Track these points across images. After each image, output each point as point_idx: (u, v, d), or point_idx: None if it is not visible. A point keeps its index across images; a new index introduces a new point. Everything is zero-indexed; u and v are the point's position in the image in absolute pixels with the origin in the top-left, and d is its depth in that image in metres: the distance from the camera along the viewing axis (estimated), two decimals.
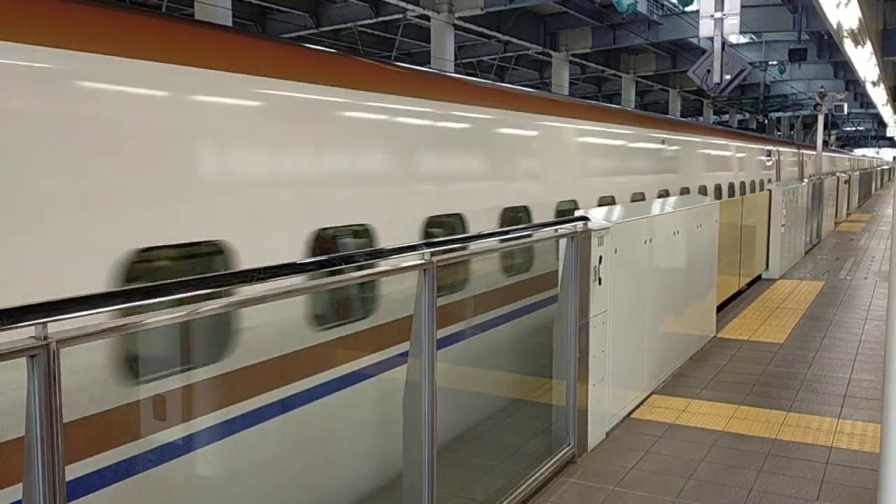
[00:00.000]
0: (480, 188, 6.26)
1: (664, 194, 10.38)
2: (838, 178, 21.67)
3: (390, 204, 5.06)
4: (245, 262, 3.67)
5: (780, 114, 43.96)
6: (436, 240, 3.62)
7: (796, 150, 24.82)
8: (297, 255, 4.04)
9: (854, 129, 65.35)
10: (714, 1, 11.26)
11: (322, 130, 4.55)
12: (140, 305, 2.32)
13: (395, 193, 5.17)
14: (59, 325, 1.99)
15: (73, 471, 2.93)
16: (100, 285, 3.11)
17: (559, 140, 7.88)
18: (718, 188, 13.72)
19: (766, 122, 39.71)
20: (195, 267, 3.81)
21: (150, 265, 3.45)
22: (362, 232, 4.72)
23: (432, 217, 5.37)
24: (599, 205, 7.92)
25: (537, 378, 5.52)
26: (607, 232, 5.10)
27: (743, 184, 15.83)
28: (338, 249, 4.62)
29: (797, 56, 20.83)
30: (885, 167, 56.63)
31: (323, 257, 3.17)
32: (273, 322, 3.95)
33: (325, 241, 4.37)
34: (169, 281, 2.45)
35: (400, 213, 5.14)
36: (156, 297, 2.36)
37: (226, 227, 3.72)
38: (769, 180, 17.99)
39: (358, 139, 4.85)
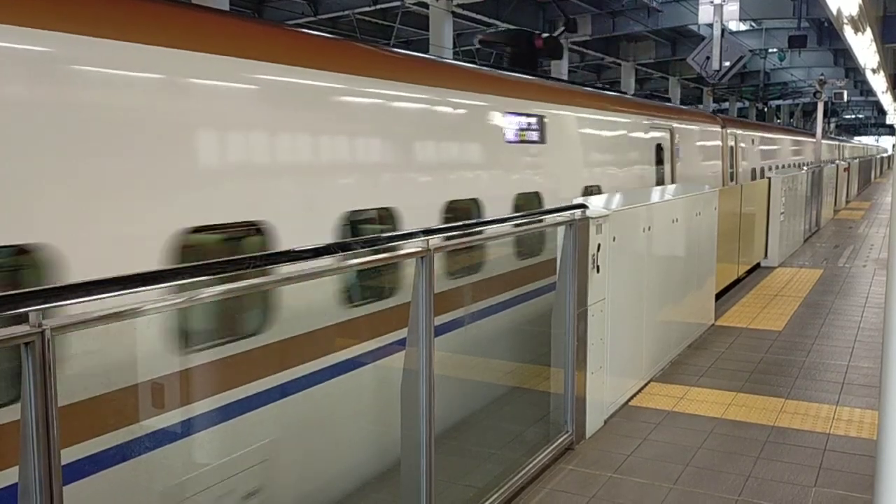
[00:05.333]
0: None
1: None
2: (837, 165, 21.67)
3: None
4: None
5: (779, 101, 43.86)
6: (433, 227, 3.61)
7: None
8: None
9: (854, 116, 65.26)
10: None
11: None
12: (137, 292, 2.31)
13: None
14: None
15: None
16: None
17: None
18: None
19: (766, 109, 39.58)
20: None
21: None
22: None
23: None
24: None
25: (534, 366, 5.53)
26: (606, 220, 5.09)
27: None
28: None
29: (797, 43, 20.73)
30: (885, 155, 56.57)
31: (320, 245, 3.15)
32: None
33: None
34: (166, 267, 2.44)
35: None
36: (153, 284, 2.35)
37: None
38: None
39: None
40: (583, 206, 4.95)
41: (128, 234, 3.34)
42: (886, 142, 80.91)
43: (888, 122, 52.72)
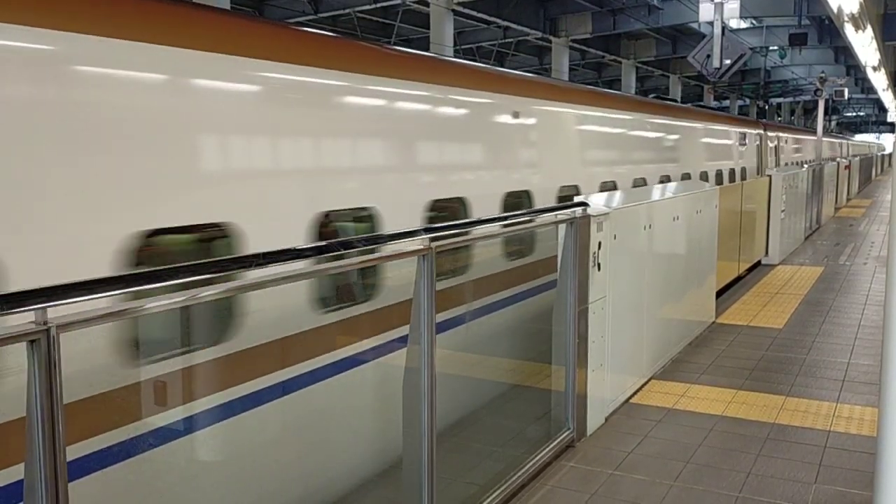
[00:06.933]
0: None
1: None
2: (838, 163, 21.70)
3: None
4: None
5: (780, 99, 43.82)
6: (434, 225, 3.62)
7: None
8: None
9: (854, 114, 65.17)
10: None
11: None
12: (140, 291, 2.32)
13: None
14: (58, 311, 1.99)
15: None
16: None
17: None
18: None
19: (766, 107, 39.51)
20: None
21: None
22: None
23: None
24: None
25: (535, 363, 5.55)
26: (606, 217, 5.10)
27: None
28: None
29: (798, 41, 20.73)
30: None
31: (322, 243, 3.17)
32: None
33: None
34: (169, 266, 2.45)
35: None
36: (156, 283, 2.36)
37: None
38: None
39: None
40: (584, 205, 4.96)
41: None
42: (888, 139, 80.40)
43: (889, 119, 52.62)
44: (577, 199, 5.43)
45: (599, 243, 5.05)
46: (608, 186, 8.30)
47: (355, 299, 4.74)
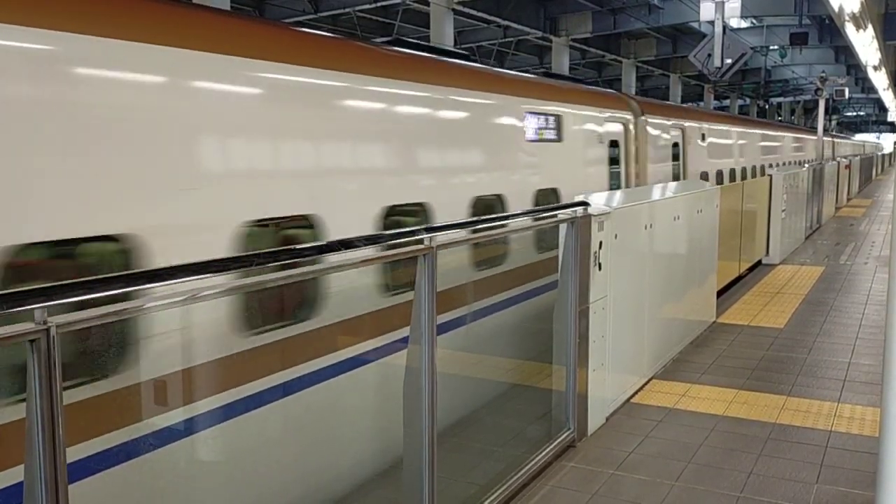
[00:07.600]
0: None
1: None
2: (839, 162, 21.71)
3: None
4: None
5: (780, 99, 43.80)
6: (435, 225, 3.61)
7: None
8: None
9: (855, 114, 65.10)
10: None
11: None
12: (139, 290, 2.32)
13: None
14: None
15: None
16: None
17: None
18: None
19: (767, 107, 39.47)
20: None
21: None
22: None
23: None
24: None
25: (536, 363, 5.55)
26: (607, 217, 5.09)
27: None
28: None
29: (798, 40, 20.72)
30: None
31: (322, 243, 3.16)
32: None
33: None
34: (168, 266, 2.44)
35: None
36: (155, 282, 2.35)
37: None
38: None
39: None
40: (585, 204, 4.95)
41: None
42: (888, 139, 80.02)
43: (889, 119, 52.56)
44: None
45: (600, 243, 5.04)
46: None
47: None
